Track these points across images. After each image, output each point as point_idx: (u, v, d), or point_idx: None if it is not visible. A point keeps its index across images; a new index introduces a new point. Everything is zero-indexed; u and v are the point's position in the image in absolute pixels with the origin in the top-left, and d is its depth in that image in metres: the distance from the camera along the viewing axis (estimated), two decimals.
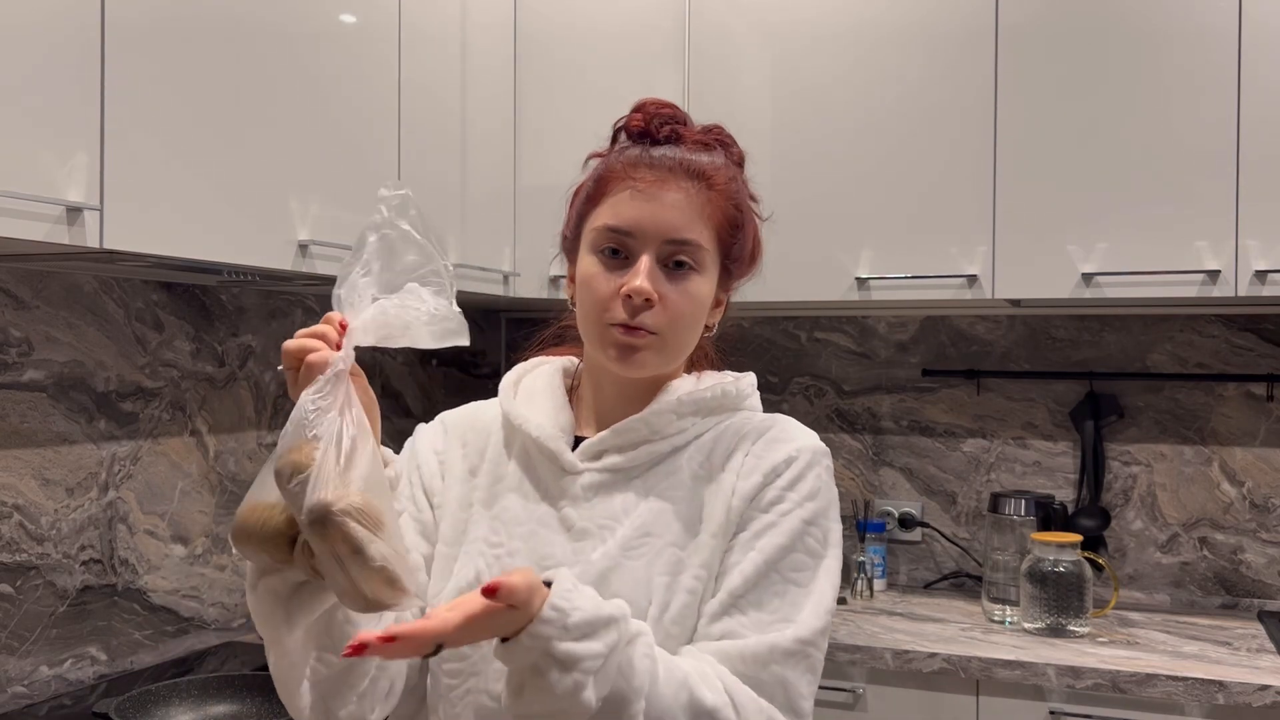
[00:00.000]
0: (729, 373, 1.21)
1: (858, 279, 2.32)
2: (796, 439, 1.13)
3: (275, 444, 2.42)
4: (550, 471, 1.14)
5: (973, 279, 2.25)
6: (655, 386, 1.15)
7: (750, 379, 1.21)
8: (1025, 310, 2.54)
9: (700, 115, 1.22)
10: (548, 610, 0.89)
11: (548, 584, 0.91)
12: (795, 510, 1.08)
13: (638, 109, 1.16)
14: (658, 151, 1.12)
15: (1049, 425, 2.56)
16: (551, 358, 1.24)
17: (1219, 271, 2.08)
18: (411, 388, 2.77)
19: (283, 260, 1.80)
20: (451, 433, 1.21)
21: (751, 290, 1.25)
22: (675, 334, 1.10)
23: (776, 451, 1.11)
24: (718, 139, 1.18)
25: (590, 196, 1.14)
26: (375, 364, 2.59)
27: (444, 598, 1.10)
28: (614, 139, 1.17)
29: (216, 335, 2.17)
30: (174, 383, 2.08)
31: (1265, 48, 2.06)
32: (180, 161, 1.60)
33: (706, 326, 1.17)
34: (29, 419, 1.81)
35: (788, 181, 2.36)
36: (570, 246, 1.18)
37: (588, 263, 1.12)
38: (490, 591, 0.85)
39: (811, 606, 1.06)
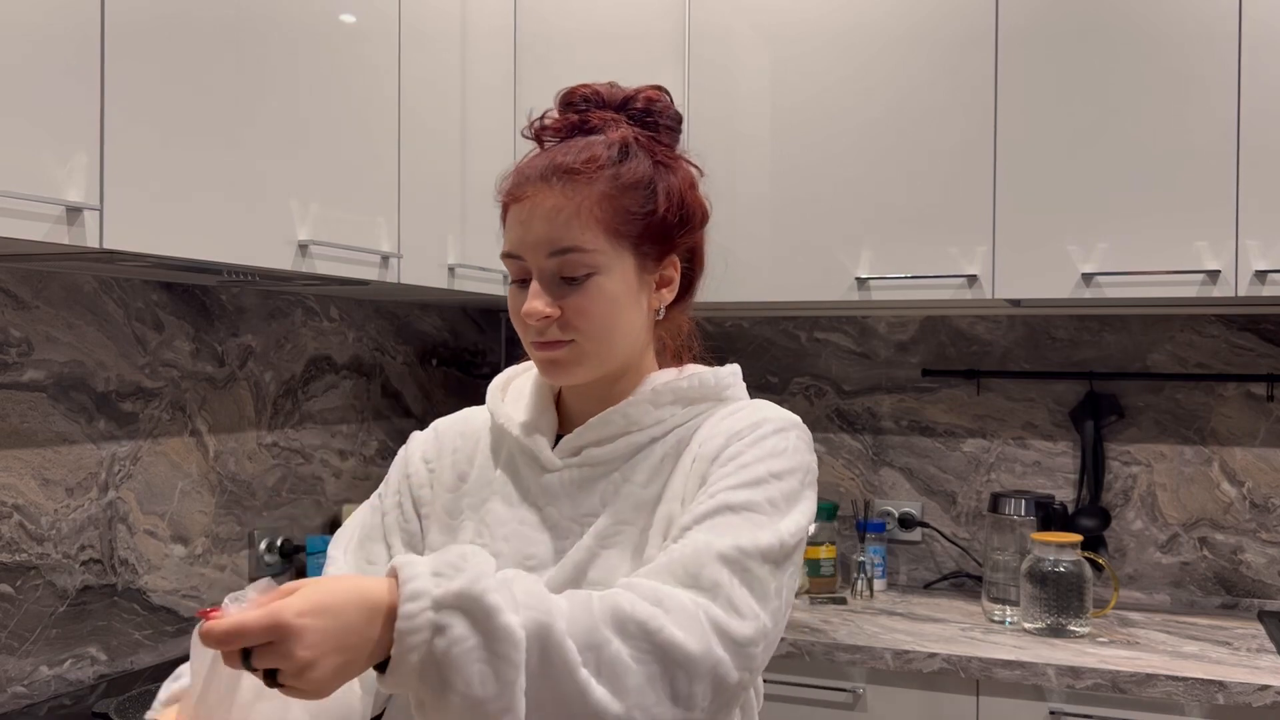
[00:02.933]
0: (716, 366, 1.19)
1: (858, 279, 2.32)
2: (766, 410, 1.11)
3: (275, 444, 2.41)
4: (532, 471, 1.14)
5: (973, 279, 2.25)
6: (626, 383, 1.14)
7: (731, 369, 1.19)
8: (1025, 310, 2.54)
9: (700, 115, 1.22)
10: (403, 575, 0.86)
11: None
12: (756, 464, 1.03)
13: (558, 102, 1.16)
14: (531, 161, 1.12)
15: (1049, 425, 2.56)
16: None
17: (1219, 271, 2.08)
18: (411, 388, 2.77)
19: (283, 260, 1.80)
20: (444, 440, 1.22)
21: (752, 290, 1.25)
22: (592, 335, 1.08)
23: (741, 419, 1.09)
24: (642, 107, 1.15)
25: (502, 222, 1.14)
26: (375, 364, 2.59)
27: None
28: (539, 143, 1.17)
29: (216, 335, 2.17)
30: (174, 383, 2.08)
31: (1265, 48, 2.06)
32: (180, 162, 1.60)
33: (657, 311, 1.14)
34: (29, 419, 1.81)
35: (788, 181, 2.36)
36: None
37: (510, 290, 1.12)
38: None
39: (767, 533, 0.99)
